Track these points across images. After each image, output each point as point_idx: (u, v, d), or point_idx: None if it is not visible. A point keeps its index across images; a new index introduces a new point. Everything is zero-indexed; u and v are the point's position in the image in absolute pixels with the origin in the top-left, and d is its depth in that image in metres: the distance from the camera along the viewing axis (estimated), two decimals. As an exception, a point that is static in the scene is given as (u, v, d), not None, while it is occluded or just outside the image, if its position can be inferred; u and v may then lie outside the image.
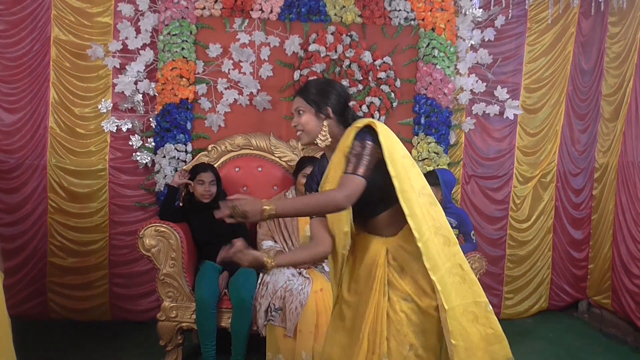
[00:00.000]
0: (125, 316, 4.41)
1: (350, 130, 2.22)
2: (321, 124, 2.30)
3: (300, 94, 2.38)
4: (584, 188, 4.85)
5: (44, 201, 4.31)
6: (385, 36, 4.40)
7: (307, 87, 2.39)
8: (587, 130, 4.78)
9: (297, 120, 2.36)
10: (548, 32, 4.59)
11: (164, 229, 3.55)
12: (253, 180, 4.23)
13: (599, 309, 4.75)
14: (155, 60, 4.24)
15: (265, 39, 4.29)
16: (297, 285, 3.48)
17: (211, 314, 3.48)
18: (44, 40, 4.23)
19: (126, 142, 4.29)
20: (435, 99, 4.35)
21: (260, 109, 4.33)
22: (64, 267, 4.33)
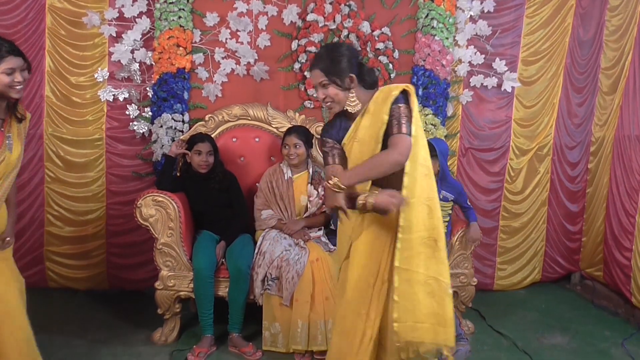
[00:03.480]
0: (123, 285, 4.44)
1: (387, 97, 2.37)
2: (348, 92, 2.45)
3: (318, 67, 2.46)
4: (580, 161, 4.86)
5: (41, 170, 4.30)
6: (384, 6, 4.36)
7: (320, 59, 2.47)
8: (584, 104, 4.78)
9: (325, 93, 2.47)
10: (547, 4, 4.55)
11: (162, 199, 3.56)
12: (250, 151, 4.23)
13: (591, 281, 4.81)
14: (152, 29, 4.20)
15: (263, 7, 4.25)
16: (294, 255, 3.51)
17: (209, 283, 3.51)
18: (38, 7, 4.17)
19: (123, 111, 4.27)
20: (434, 71, 4.33)
21: (257, 79, 4.31)
22: (62, 236, 4.35)
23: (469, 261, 3.86)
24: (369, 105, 2.43)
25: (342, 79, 2.43)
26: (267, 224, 3.81)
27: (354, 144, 2.46)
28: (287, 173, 3.90)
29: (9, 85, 2.44)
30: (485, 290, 4.64)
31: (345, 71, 2.43)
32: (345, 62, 2.43)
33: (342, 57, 2.43)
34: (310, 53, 4.24)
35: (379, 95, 2.42)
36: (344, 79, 2.43)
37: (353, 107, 2.47)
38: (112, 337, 3.69)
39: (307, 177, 3.93)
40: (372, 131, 2.39)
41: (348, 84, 2.44)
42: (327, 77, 2.44)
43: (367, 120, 2.42)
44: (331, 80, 2.44)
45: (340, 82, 2.44)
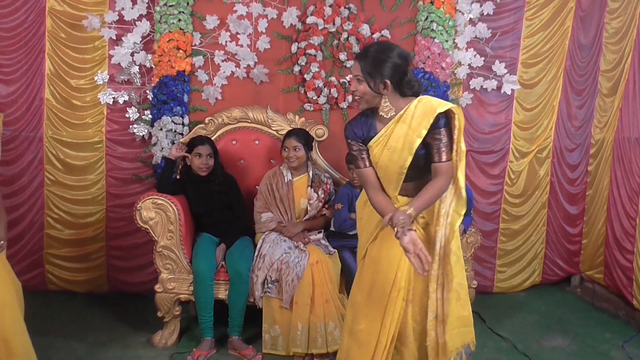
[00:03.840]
0: (123, 288, 4.44)
1: (429, 113, 2.38)
2: (380, 96, 2.44)
3: (359, 61, 2.45)
4: (580, 164, 4.86)
5: (41, 173, 4.30)
6: (383, 9, 4.37)
7: (366, 54, 2.45)
8: (584, 106, 4.78)
9: (356, 87, 2.47)
10: (547, 7, 4.56)
11: (162, 202, 3.56)
12: (250, 153, 4.23)
13: (591, 284, 4.80)
14: (152, 32, 4.20)
15: (262, 10, 4.26)
16: (294, 257, 3.51)
17: (208, 286, 3.51)
18: (38, 10, 4.17)
19: (123, 114, 4.27)
20: (433, 73, 4.33)
21: (257, 81, 4.31)
22: (61, 239, 4.35)
23: (468, 264, 3.86)
24: (405, 114, 2.42)
25: (376, 81, 2.41)
26: (267, 226, 3.80)
27: (384, 151, 2.46)
28: (287, 176, 3.90)
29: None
30: (485, 293, 4.64)
31: (383, 75, 2.39)
32: (387, 67, 2.39)
33: (386, 61, 2.39)
34: (310, 56, 4.24)
35: (418, 107, 2.40)
36: (378, 83, 2.41)
37: (386, 113, 2.46)
38: (112, 340, 3.69)
39: (307, 180, 3.93)
40: (406, 142, 2.40)
41: (381, 89, 2.42)
42: (362, 74, 2.43)
43: (401, 129, 2.42)
44: (366, 78, 2.42)
45: (373, 84, 2.42)
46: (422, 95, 2.47)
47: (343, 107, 4.36)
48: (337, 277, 3.56)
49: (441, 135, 2.39)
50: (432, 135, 2.39)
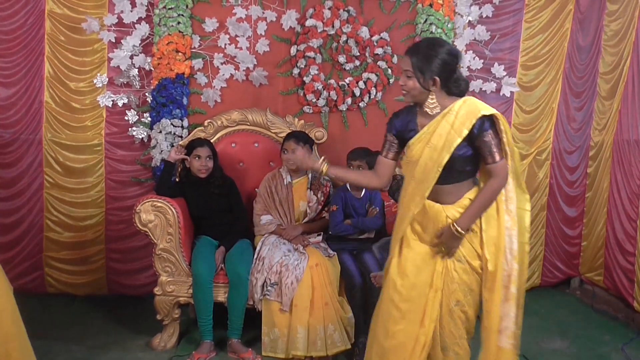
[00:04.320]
0: (122, 291, 4.44)
1: (472, 113, 2.38)
2: (428, 93, 2.45)
3: (410, 56, 2.46)
4: (579, 166, 4.87)
5: (40, 176, 4.30)
6: (382, 12, 4.37)
7: (417, 50, 2.47)
8: (583, 108, 4.78)
9: (405, 82, 2.49)
10: (546, 9, 4.57)
11: (161, 204, 3.56)
12: (249, 156, 4.23)
13: (591, 286, 4.80)
14: (151, 35, 4.21)
15: (262, 13, 4.26)
16: (293, 260, 3.51)
17: (208, 289, 3.51)
18: (38, 13, 4.17)
19: (122, 117, 4.27)
20: (432, 76, 4.33)
21: (256, 84, 4.31)
22: (61, 241, 4.35)
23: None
24: (449, 113, 2.42)
25: (426, 78, 2.42)
26: (266, 229, 3.80)
27: (425, 149, 2.46)
28: (287, 178, 3.91)
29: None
30: (484, 295, 4.63)
31: (433, 72, 2.41)
32: (437, 64, 2.40)
33: (435, 58, 2.41)
34: (309, 58, 4.24)
35: (463, 107, 2.41)
36: (427, 79, 2.42)
37: (431, 110, 2.47)
38: (111, 343, 3.68)
39: (306, 183, 3.93)
40: (447, 141, 2.40)
41: (429, 85, 2.43)
42: (412, 69, 2.44)
43: (444, 128, 2.42)
44: (415, 74, 2.43)
45: (423, 80, 2.43)
46: (467, 96, 2.48)
47: (342, 109, 4.36)
48: (336, 280, 3.56)
49: (489, 137, 2.39)
50: (480, 138, 2.39)
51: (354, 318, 3.52)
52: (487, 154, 2.41)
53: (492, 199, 2.45)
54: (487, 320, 2.48)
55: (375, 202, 3.87)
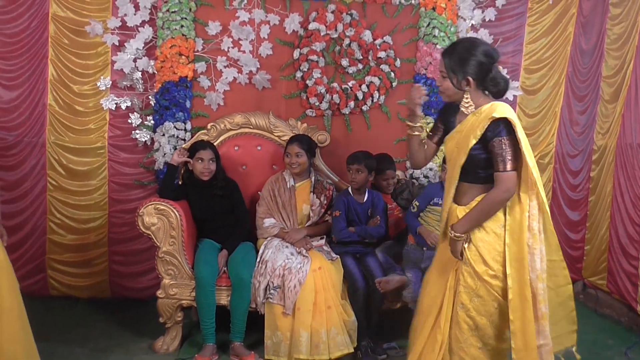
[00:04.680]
0: (125, 293, 4.44)
1: (487, 116, 2.37)
2: (462, 92, 2.46)
3: (444, 57, 2.49)
4: (582, 170, 4.86)
5: (43, 178, 4.31)
6: (385, 15, 4.38)
7: (452, 51, 2.49)
8: (586, 112, 4.78)
9: (440, 82, 2.53)
10: (549, 13, 4.57)
11: (164, 207, 3.56)
12: (252, 159, 4.23)
13: (594, 290, 4.78)
14: (155, 38, 4.21)
15: (265, 16, 4.27)
16: (296, 263, 3.51)
17: (210, 292, 3.51)
18: (42, 16, 4.19)
19: (125, 120, 4.28)
20: (435, 79, 4.33)
21: (259, 87, 4.32)
22: (64, 244, 4.35)
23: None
24: (476, 113, 2.44)
25: (459, 78, 2.44)
26: (269, 232, 3.80)
27: (454, 148, 2.50)
28: (290, 181, 3.91)
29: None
30: (487, 299, 4.62)
31: (466, 73, 2.42)
32: (471, 65, 2.42)
33: (470, 59, 2.42)
34: (312, 62, 4.25)
35: (486, 109, 2.41)
36: (461, 80, 2.44)
37: (466, 109, 2.48)
38: (114, 346, 3.68)
39: (309, 186, 3.93)
40: (464, 142, 2.43)
41: (463, 85, 2.45)
42: (446, 70, 2.47)
43: (465, 126, 2.46)
44: (449, 75, 2.46)
45: (456, 81, 2.45)
46: (498, 100, 2.47)
47: (345, 113, 4.36)
48: (339, 283, 3.55)
49: (502, 143, 2.36)
50: (492, 142, 2.38)
51: (356, 321, 3.52)
52: (496, 160, 2.38)
53: (491, 209, 2.42)
54: (517, 340, 2.41)
55: (377, 209, 3.87)
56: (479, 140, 2.39)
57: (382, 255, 3.76)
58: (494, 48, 2.53)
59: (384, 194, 4.08)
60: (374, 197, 3.89)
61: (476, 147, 2.40)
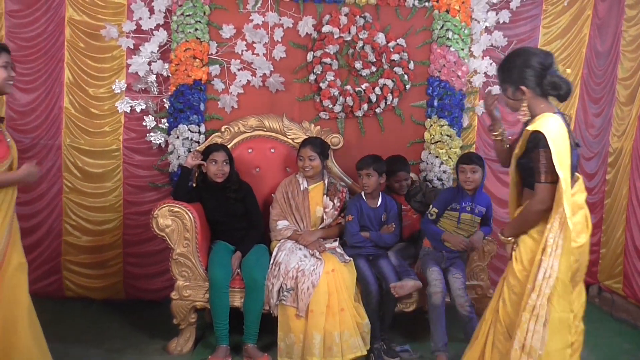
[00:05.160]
0: (139, 295, 4.46)
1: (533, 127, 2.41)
2: (520, 102, 2.50)
3: (498, 72, 2.57)
4: (597, 172, 4.82)
5: (59, 181, 4.35)
6: (399, 18, 4.37)
7: (501, 65, 2.56)
8: (601, 114, 4.74)
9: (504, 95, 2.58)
10: (564, 15, 4.54)
11: (178, 209, 3.58)
12: (265, 162, 4.24)
13: (610, 294, 4.74)
14: (169, 41, 4.24)
15: (278, 20, 4.28)
16: (309, 265, 3.51)
17: (224, 294, 3.52)
18: (58, 20, 4.24)
19: (140, 122, 4.31)
20: (449, 82, 4.32)
21: (273, 90, 4.33)
22: (79, 245, 4.39)
23: (485, 272, 3.85)
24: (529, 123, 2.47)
25: (512, 89, 2.49)
26: (282, 234, 3.81)
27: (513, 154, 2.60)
28: (303, 184, 3.91)
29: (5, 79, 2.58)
30: (501, 302, 4.59)
31: (516, 82, 2.46)
32: (518, 74, 2.45)
33: (514, 69, 2.46)
34: (325, 64, 4.25)
35: (534, 121, 2.45)
36: (515, 91, 2.48)
37: (523, 117, 2.52)
38: (128, 347, 3.71)
39: (322, 188, 3.93)
40: (516, 152, 2.56)
41: (519, 95, 2.47)
42: (501, 85, 2.55)
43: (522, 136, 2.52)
44: (503, 87, 2.52)
45: (510, 92, 2.50)
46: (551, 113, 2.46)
47: (358, 115, 4.36)
48: (352, 286, 3.55)
49: (539, 155, 2.40)
50: (532, 155, 2.43)
51: (369, 324, 3.51)
52: (535, 171, 2.44)
53: (528, 218, 2.50)
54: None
55: (390, 214, 3.87)
56: (524, 151, 2.46)
57: (396, 259, 3.75)
58: (547, 53, 2.53)
59: (398, 195, 4.07)
60: (388, 201, 3.89)
61: (523, 157, 2.49)
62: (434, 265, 3.62)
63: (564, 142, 2.40)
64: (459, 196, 3.66)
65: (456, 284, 3.56)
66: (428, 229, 3.72)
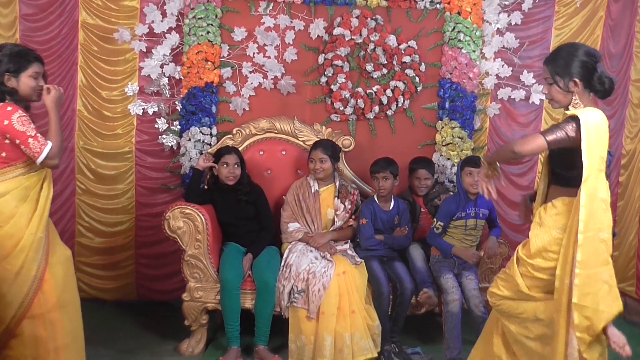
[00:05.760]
0: (151, 296, 4.49)
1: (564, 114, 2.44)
2: (570, 95, 2.49)
3: (547, 64, 2.54)
4: (610, 174, 4.78)
5: (72, 183, 4.38)
6: (410, 20, 4.37)
7: (554, 57, 2.55)
8: (614, 116, 4.71)
9: (547, 90, 2.56)
10: (576, 16, 4.52)
11: (190, 211, 3.60)
12: (277, 164, 4.26)
13: (623, 297, 4.65)
14: (181, 44, 4.27)
15: (290, 22, 4.29)
16: (320, 267, 3.51)
17: (235, 295, 3.53)
18: (71, 24, 4.27)
19: (152, 125, 4.34)
20: (460, 84, 4.32)
21: (284, 92, 4.34)
22: (92, 247, 4.42)
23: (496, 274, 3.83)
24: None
25: (565, 80, 2.48)
26: (293, 237, 3.82)
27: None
28: (314, 186, 3.92)
29: (34, 89, 2.67)
30: (513, 305, 4.57)
31: (572, 74, 2.46)
32: (575, 66, 2.45)
33: (572, 60, 2.46)
34: (336, 67, 4.26)
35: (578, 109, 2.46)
36: (568, 82, 2.47)
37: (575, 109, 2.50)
38: (140, 348, 3.73)
39: (333, 191, 3.94)
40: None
41: (571, 87, 2.47)
42: (551, 76, 2.51)
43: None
44: (555, 79, 2.50)
45: (563, 84, 2.48)
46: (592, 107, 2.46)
47: (369, 117, 4.36)
48: (363, 288, 3.55)
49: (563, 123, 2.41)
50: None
51: (380, 326, 3.51)
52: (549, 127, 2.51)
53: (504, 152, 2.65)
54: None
55: (403, 217, 3.87)
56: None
57: (421, 266, 3.74)
58: (595, 49, 2.57)
59: (416, 195, 4.08)
60: (400, 204, 3.90)
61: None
62: (448, 272, 3.61)
63: (600, 136, 2.37)
64: (461, 204, 3.66)
65: (470, 285, 3.56)
66: (436, 244, 3.72)
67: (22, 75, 2.66)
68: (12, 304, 2.58)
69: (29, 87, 2.68)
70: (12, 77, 2.64)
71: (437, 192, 4.12)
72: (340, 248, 3.77)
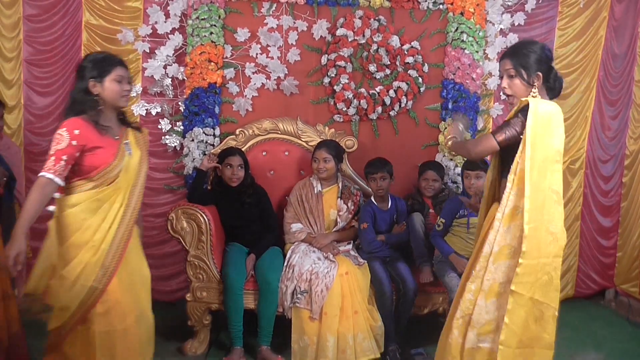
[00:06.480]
0: (154, 296, 4.41)
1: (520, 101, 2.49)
2: (530, 89, 2.52)
3: (507, 57, 2.57)
4: (614, 175, 4.78)
5: (76, 183, 4.38)
6: (413, 20, 4.37)
7: (512, 50, 2.59)
8: (618, 117, 4.71)
9: (508, 83, 2.57)
10: (580, 16, 4.51)
11: (193, 211, 3.61)
12: (280, 165, 4.26)
13: (627, 298, 4.70)
14: (184, 45, 4.27)
15: (293, 23, 4.30)
16: (323, 268, 3.51)
17: (238, 296, 3.54)
18: (75, 24, 4.28)
19: (155, 125, 4.34)
20: (463, 84, 4.32)
21: (287, 93, 4.35)
22: (96, 247, 4.41)
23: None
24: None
25: (530, 73, 2.50)
26: (296, 237, 3.82)
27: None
28: (317, 187, 3.92)
29: (119, 93, 2.61)
30: (516, 306, 4.57)
31: (534, 68, 2.50)
32: (536, 60, 2.50)
33: (533, 53, 2.51)
34: (339, 67, 4.26)
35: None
36: (532, 75, 2.50)
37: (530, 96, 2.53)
38: (143, 348, 3.73)
39: (336, 191, 3.94)
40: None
41: (534, 80, 2.51)
42: (514, 69, 2.53)
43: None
44: (518, 72, 2.52)
45: (527, 76, 2.51)
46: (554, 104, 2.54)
47: (372, 118, 4.37)
48: (366, 288, 3.55)
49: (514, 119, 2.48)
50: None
51: (383, 326, 3.51)
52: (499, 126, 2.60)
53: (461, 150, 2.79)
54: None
55: (400, 214, 3.91)
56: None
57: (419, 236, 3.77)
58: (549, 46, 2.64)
59: (424, 197, 4.08)
60: (397, 202, 3.92)
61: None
62: (451, 272, 3.61)
63: (552, 126, 2.44)
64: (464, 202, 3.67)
65: None
66: (437, 244, 3.72)
67: (106, 79, 2.59)
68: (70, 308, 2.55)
69: (113, 92, 2.61)
70: (96, 83, 2.59)
71: (446, 195, 4.12)
72: (343, 249, 3.77)
